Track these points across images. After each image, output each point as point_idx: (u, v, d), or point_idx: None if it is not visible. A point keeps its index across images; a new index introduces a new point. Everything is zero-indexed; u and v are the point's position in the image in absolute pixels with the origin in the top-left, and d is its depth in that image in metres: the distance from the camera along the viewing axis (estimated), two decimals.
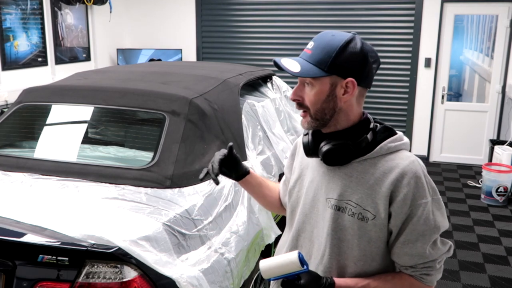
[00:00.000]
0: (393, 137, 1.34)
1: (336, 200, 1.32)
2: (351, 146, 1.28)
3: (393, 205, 1.26)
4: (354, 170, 1.31)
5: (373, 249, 1.31)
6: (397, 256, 1.32)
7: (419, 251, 1.28)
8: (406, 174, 1.26)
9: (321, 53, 1.26)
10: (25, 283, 1.71)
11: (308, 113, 1.31)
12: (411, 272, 1.33)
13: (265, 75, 3.60)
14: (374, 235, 1.29)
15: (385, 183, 1.27)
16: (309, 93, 1.29)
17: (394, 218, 1.27)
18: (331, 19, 6.28)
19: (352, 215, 1.30)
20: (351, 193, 1.30)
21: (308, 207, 1.40)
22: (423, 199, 1.26)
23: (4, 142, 2.69)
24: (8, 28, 4.97)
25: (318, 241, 1.38)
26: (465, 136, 6.19)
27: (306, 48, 1.31)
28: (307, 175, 1.43)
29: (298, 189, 1.46)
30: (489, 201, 4.95)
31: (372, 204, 1.28)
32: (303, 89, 1.31)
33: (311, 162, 1.43)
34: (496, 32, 5.87)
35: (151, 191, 2.11)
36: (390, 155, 1.31)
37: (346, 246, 1.32)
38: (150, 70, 3.07)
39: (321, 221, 1.36)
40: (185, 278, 1.78)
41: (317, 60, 1.26)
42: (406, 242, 1.28)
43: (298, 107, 1.33)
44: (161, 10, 6.89)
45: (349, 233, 1.31)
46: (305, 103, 1.31)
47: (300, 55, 1.32)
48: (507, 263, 3.69)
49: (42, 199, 2.03)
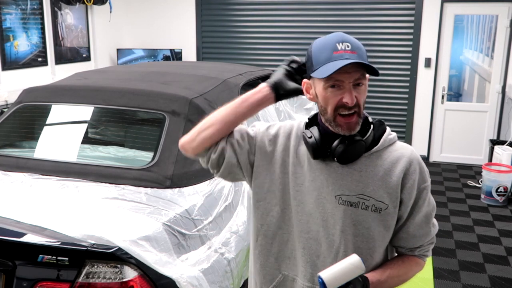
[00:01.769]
0: (387, 129, 1.41)
1: (347, 196, 1.35)
2: (364, 143, 1.33)
3: (404, 191, 1.35)
4: (363, 165, 1.36)
5: (386, 238, 1.39)
6: (404, 241, 1.41)
7: (425, 231, 1.41)
8: (412, 162, 1.36)
9: (362, 53, 1.30)
10: (25, 283, 1.71)
11: (357, 113, 1.31)
12: (417, 253, 1.43)
13: (265, 75, 3.60)
14: (387, 225, 1.36)
15: (395, 172, 1.35)
16: (361, 92, 1.31)
17: (405, 204, 1.36)
18: (331, 19, 6.28)
19: (366, 208, 1.34)
20: (363, 187, 1.34)
21: (312, 207, 1.38)
22: (425, 182, 1.38)
23: (4, 142, 2.69)
24: (8, 28, 4.97)
25: (328, 239, 1.37)
26: (465, 136, 6.19)
27: (345, 49, 1.27)
28: (302, 174, 1.40)
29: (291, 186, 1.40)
30: (489, 201, 4.95)
31: (384, 194, 1.34)
32: (354, 91, 1.29)
33: (308, 161, 1.40)
34: (496, 32, 5.87)
35: (151, 191, 2.11)
36: (391, 146, 1.39)
37: (360, 241, 1.36)
38: (150, 70, 3.07)
39: (330, 220, 1.36)
40: (185, 278, 1.78)
41: (364, 59, 1.28)
42: (414, 225, 1.39)
43: (348, 110, 1.29)
44: (161, 10, 6.89)
45: (363, 227, 1.35)
46: (358, 102, 1.30)
47: (343, 56, 1.27)
48: (507, 263, 3.69)
49: (42, 199, 2.03)
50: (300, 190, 1.40)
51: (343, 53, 1.27)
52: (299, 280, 1.43)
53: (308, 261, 1.41)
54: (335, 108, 1.30)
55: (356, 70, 1.28)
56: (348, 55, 1.27)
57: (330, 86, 1.29)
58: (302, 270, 1.42)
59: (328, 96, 1.30)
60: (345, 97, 1.28)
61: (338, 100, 1.29)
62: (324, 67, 1.27)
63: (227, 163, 1.43)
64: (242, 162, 1.44)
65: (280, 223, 1.43)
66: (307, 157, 1.41)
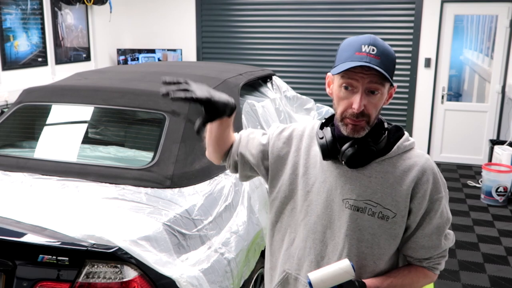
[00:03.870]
0: (405, 136, 1.38)
1: (354, 200, 1.33)
2: (374, 148, 1.30)
3: (414, 201, 1.31)
4: (373, 171, 1.33)
5: (392, 246, 1.35)
6: (413, 251, 1.38)
7: (435, 243, 1.36)
8: (425, 172, 1.32)
9: (387, 61, 1.25)
10: (25, 283, 1.71)
11: (366, 120, 1.28)
12: (426, 264, 1.39)
13: (265, 75, 3.60)
14: (393, 233, 1.33)
15: (406, 181, 1.31)
16: (375, 101, 1.27)
17: (414, 214, 1.32)
18: (331, 19, 6.28)
19: (372, 215, 1.32)
20: (371, 193, 1.32)
21: (320, 208, 1.38)
22: (439, 193, 1.33)
23: (4, 142, 2.69)
24: (8, 28, 4.97)
25: (333, 242, 1.37)
26: (465, 136, 6.19)
27: (370, 52, 1.24)
28: (314, 175, 1.40)
29: (302, 187, 1.41)
30: (489, 201, 4.95)
31: (393, 202, 1.31)
32: (365, 97, 1.26)
33: (321, 162, 1.40)
34: (496, 32, 5.87)
35: (151, 191, 2.11)
36: (406, 154, 1.35)
37: (365, 246, 1.34)
38: (150, 70, 3.07)
39: (336, 222, 1.36)
40: (185, 278, 1.78)
41: (387, 67, 1.25)
42: (424, 236, 1.35)
43: (355, 118, 1.26)
44: (161, 10, 6.89)
45: (368, 233, 1.33)
46: (368, 111, 1.26)
47: (363, 58, 1.24)
48: (507, 263, 3.69)
49: (42, 199, 2.03)
50: (311, 191, 1.40)
51: (365, 55, 1.24)
52: (302, 279, 1.43)
53: (313, 261, 1.41)
54: (344, 110, 1.29)
55: (373, 75, 1.24)
56: (370, 59, 1.23)
57: (344, 87, 1.27)
58: (307, 270, 1.42)
59: (341, 96, 1.29)
60: (354, 102, 1.25)
61: (348, 104, 1.27)
62: (342, 65, 1.26)
63: (242, 172, 1.55)
64: (257, 169, 1.51)
65: (290, 222, 1.46)
66: (319, 158, 1.41)
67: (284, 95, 3.79)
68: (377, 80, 1.24)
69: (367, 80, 1.24)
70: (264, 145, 1.50)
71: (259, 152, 1.49)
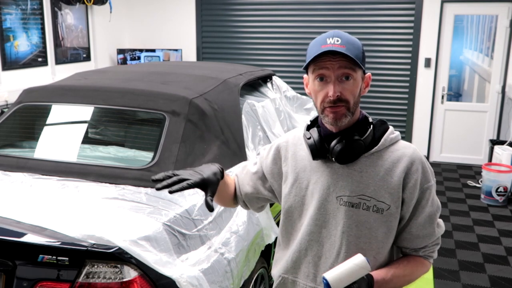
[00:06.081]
0: (390, 129, 1.40)
1: (348, 197, 1.34)
2: (362, 141, 1.32)
3: (405, 191, 1.34)
4: (363, 165, 1.35)
5: (390, 239, 1.37)
6: (408, 241, 1.40)
7: (429, 231, 1.39)
8: (414, 161, 1.35)
9: (353, 48, 1.29)
10: (25, 283, 1.71)
11: (345, 106, 1.30)
12: (422, 253, 1.42)
13: (265, 75, 3.60)
14: (390, 225, 1.35)
15: (396, 172, 1.34)
16: (349, 86, 1.30)
17: (406, 204, 1.35)
18: (331, 19, 6.28)
19: (367, 209, 1.33)
20: (364, 187, 1.34)
21: (314, 209, 1.39)
22: (429, 182, 1.36)
23: (4, 142, 2.69)
24: (8, 28, 4.97)
25: (329, 240, 1.38)
26: (465, 136, 6.19)
27: (334, 43, 1.28)
28: (305, 178, 1.42)
29: (295, 193, 1.44)
30: (489, 201, 4.95)
31: (386, 194, 1.33)
32: (339, 84, 1.29)
33: (310, 164, 1.42)
34: (496, 32, 5.87)
35: (151, 191, 2.11)
36: (393, 146, 1.38)
37: (363, 242, 1.35)
38: (150, 70, 3.07)
39: (331, 220, 1.37)
40: (185, 278, 1.78)
41: (354, 54, 1.28)
42: (417, 225, 1.37)
43: (333, 104, 1.29)
44: (161, 10, 6.89)
45: (365, 228, 1.34)
46: (345, 97, 1.29)
47: (329, 48, 1.27)
48: (507, 263, 3.69)
49: (42, 199, 2.03)
50: (306, 194, 1.42)
51: (330, 46, 1.28)
52: (301, 281, 1.44)
53: (310, 262, 1.41)
54: (322, 100, 1.31)
55: (342, 61, 1.27)
56: (335, 48, 1.27)
57: (318, 80, 1.31)
58: (305, 271, 1.42)
59: (317, 89, 1.32)
60: (329, 90, 1.29)
61: (324, 94, 1.30)
62: (310, 59, 1.31)
63: (254, 207, 1.62)
64: (263, 197, 1.56)
65: (290, 229, 1.48)
66: (308, 161, 1.42)
67: (284, 95, 3.79)
68: (346, 64, 1.28)
69: (336, 66, 1.28)
70: (257, 172, 1.55)
71: (256, 181, 1.55)
